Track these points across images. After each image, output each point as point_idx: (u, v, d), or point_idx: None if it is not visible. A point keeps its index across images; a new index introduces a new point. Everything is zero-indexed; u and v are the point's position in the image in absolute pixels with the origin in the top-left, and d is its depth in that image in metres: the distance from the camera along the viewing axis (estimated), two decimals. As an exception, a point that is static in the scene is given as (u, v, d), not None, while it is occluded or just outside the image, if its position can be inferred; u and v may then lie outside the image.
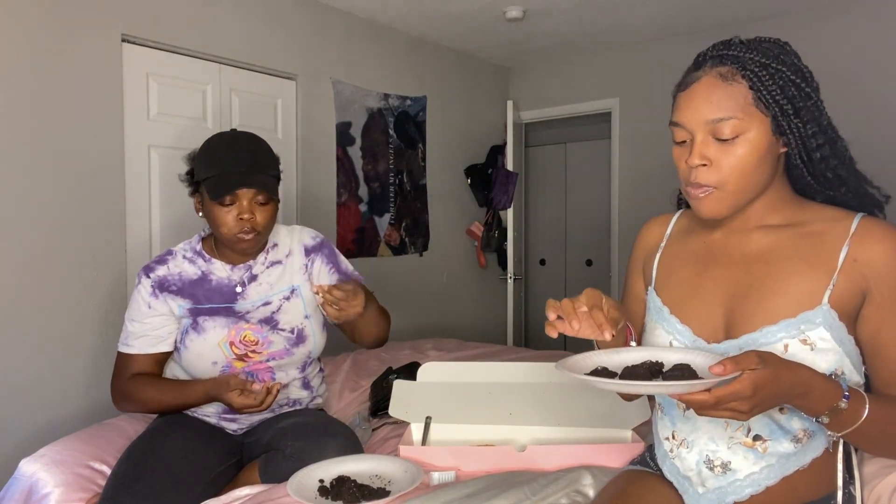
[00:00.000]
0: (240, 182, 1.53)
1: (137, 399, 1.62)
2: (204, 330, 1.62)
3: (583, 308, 0.99)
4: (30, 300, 2.27)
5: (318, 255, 1.74)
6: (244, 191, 1.54)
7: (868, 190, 1.07)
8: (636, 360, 1.00)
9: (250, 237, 1.58)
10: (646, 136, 4.02)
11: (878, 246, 0.98)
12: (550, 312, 0.99)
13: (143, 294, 1.64)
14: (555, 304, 1.00)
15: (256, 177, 1.56)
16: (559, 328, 0.98)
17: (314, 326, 1.72)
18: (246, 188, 1.54)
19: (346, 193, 3.43)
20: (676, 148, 1.07)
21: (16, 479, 1.55)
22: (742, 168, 1.00)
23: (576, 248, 5.19)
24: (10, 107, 2.21)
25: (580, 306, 0.99)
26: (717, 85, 1.00)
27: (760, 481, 1.03)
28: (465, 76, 4.24)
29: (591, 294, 1.01)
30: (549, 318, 0.99)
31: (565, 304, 0.99)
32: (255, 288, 1.67)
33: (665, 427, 1.16)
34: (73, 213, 2.37)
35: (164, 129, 2.67)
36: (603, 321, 0.98)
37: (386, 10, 3.40)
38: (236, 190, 1.53)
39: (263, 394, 1.51)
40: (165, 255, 1.69)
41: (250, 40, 2.94)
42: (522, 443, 1.70)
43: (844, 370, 1.00)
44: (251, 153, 1.59)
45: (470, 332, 4.17)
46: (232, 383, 1.51)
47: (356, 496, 1.32)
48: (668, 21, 3.64)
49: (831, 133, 1.02)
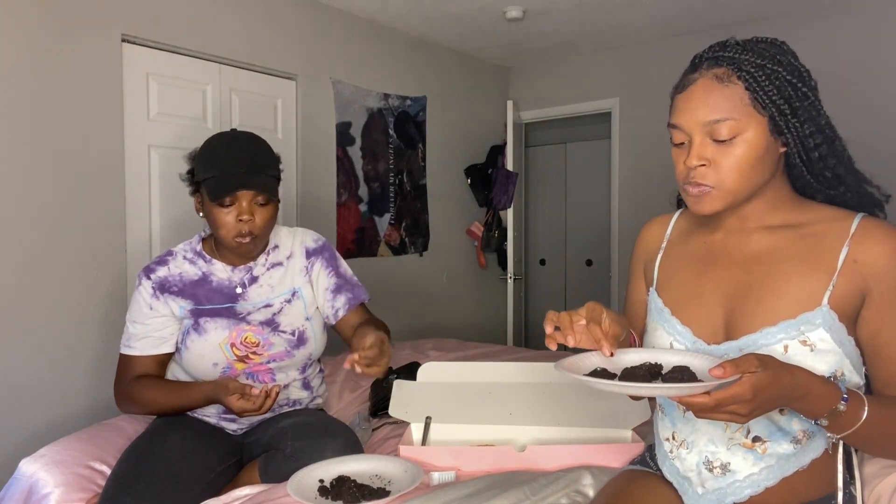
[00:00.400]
0: (239, 184, 1.53)
1: (139, 401, 1.62)
2: (205, 331, 1.62)
3: (581, 321, 0.99)
4: (30, 300, 2.27)
5: (318, 259, 1.74)
6: (244, 192, 1.54)
7: (867, 189, 1.07)
8: (636, 362, 1.00)
9: (248, 241, 1.57)
10: (646, 136, 4.02)
11: (877, 247, 0.98)
12: (548, 325, 0.99)
13: (143, 295, 1.63)
14: (553, 316, 1.00)
15: (256, 178, 1.55)
16: (559, 339, 0.99)
17: (315, 328, 1.72)
18: (245, 190, 1.53)
19: (346, 193, 3.43)
20: (675, 150, 1.07)
21: (16, 479, 1.55)
22: (740, 168, 1.00)
23: (576, 248, 5.19)
24: (10, 107, 2.21)
25: (578, 320, 0.99)
26: (714, 87, 1.00)
27: (760, 482, 1.03)
28: (465, 76, 4.24)
29: (592, 307, 1.01)
30: (546, 331, 0.99)
31: (563, 317, 0.99)
32: (256, 290, 1.67)
33: (665, 428, 1.17)
34: (73, 213, 2.37)
35: (164, 129, 2.67)
36: (601, 336, 0.98)
37: (386, 10, 3.40)
38: (236, 192, 1.53)
39: (262, 398, 1.51)
40: (165, 255, 1.69)
41: (250, 40, 2.94)
42: (522, 443, 1.70)
43: (844, 371, 0.99)
44: (251, 154, 1.58)
45: (470, 332, 4.17)
46: (231, 387, 1.51)
47: (356, 496, 1.32)
48: (668, 21, 3.64)
49: (829, 132, 1.02)
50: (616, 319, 1.03)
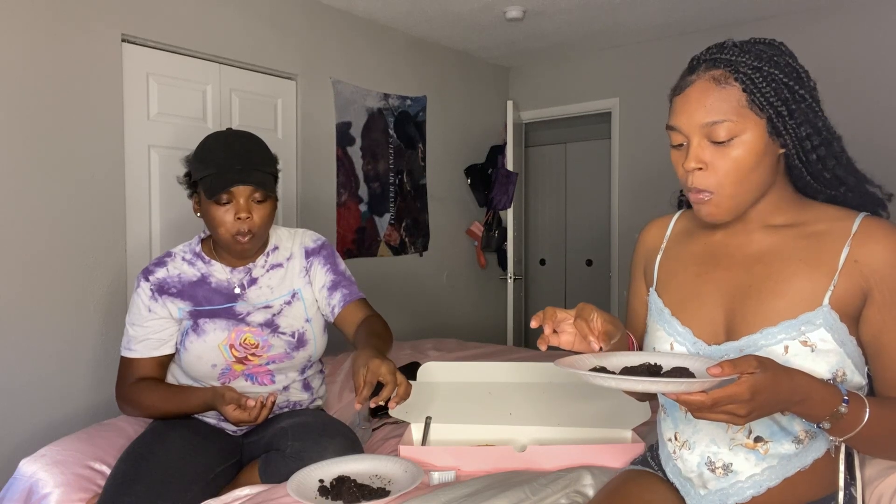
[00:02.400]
0: (236, 179, 1.53)
1: (139, 405, 1.63)
2: (204, 332, 1.62)
3: (569, 319, 1.00)
4: (30, 300, 2.27)
5: (317, 257, 1.74)
6: (240, 188, 1.54)
7: (869, 189, 1.07)
8: (635, 363, 1.00)
9: (247, 240, 1.57)
10: (646, 136, 4.02)
11: (878, 246, 0.97)
12: (534, 321, 1.01)
13: (142, 298, 1.63)
14: (540, 312, 1.01)
15: (253, 174, 1.55)
16: (551, 341, 1.01)
17: (315, 330, 1.72)
18: (242, 185, 1.54)
19: (346, 193, 3.43)
20: (674, 151, 1.07)
21: (16, 479, 1.55)
22: (738, 170, 1.00)
23: (576, 248, 5.19)
24: (9, 107, 2.21)
25: (566, 317, 1.01)
26: (711, 88, 1.00)
27: (762, 483, 1.03)
28: (465, 76, 4.24)
29: (582, 306, 1.02)
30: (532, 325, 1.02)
31: (548, 310, 1.01)
32: (255, 291, 1.67)
33: (668, 428, 1.16)
34: (73, 213, 2.37)
35: (164, 129, 2.67)
36: (587, 332, 0.99)
37: (386, 10, 3.40)
38: (232, 187, 1.53)
39: (258, 409, 1.50)
40: (164, 256, 1.69)
41: (250, 40, 2.94)
42: (522, 443, 1.70)
43: (846, 371, 0.99)
44: (247, 151, 1.58)
45: (470, 332, 4.17)
46: (227, 397, 1.51)
47: (356, 496, 1.32)
48: (668, 21, 3.64)
49: (826, 134, 1.01)
50: (609, 320, 1.03)
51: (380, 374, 1.34)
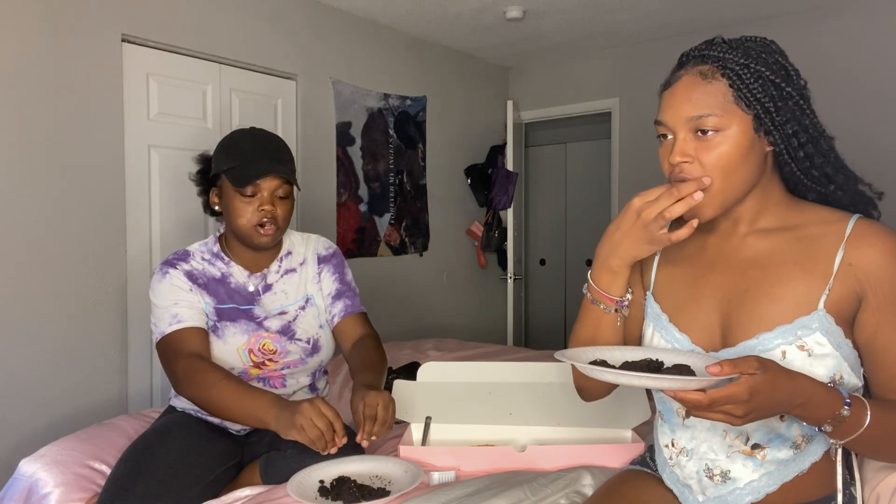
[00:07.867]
0: (265, 170, 1.54)
1: (202, 383, 1.45)
2: (224, 335, 1.61)
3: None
4: (30, 300, 2.27)
5: (328, 265, 1.76)
6: (268, 181, 1.56)
7: (859, 187, 1.06)
8: (636, 359, 1.00)
9: (271, 229, 1.58)
10: (646, 136, 4.01)
11: (872, 249, 0.97)
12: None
13: (177, 282, 1.59)
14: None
15: (281, 167, 1.58)
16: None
17: (327, 336, 1.73)
18: (271, 176, 1.56)
19: (346, 193, 3.43)
20: (661, 147, 1.07)
21: (16, 479, 1.55)
22: (724, 165, 0.99)
23: (576, 248, 5.19)
24: (9, 107, 2.21)
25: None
26: (697, 83, 1.00)
27: (760, 489, 1.03)
28: (465, 76, 4.24)
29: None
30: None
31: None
32: (270, 297, 1.68)
33: (665, 434, 1.16)
34: (73, 213, 2.37)
35: (165, 129, 2.67)
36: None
37: (386, 10, 3.40)
38: (262, 177, 1.54)
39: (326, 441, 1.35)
40: (183, 254, 1.67)
41: (250, 40, 2.94)
42: (522, 443, 1.70)
43: (843, 374, 0.99)
44: (275, 146, 1.62)
45: (470, 332, 4.17)
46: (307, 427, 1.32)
47: (356, 496, 1.32)
48: (668, 21, 3.64)
49: (813, 132, 1.01)
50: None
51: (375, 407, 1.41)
